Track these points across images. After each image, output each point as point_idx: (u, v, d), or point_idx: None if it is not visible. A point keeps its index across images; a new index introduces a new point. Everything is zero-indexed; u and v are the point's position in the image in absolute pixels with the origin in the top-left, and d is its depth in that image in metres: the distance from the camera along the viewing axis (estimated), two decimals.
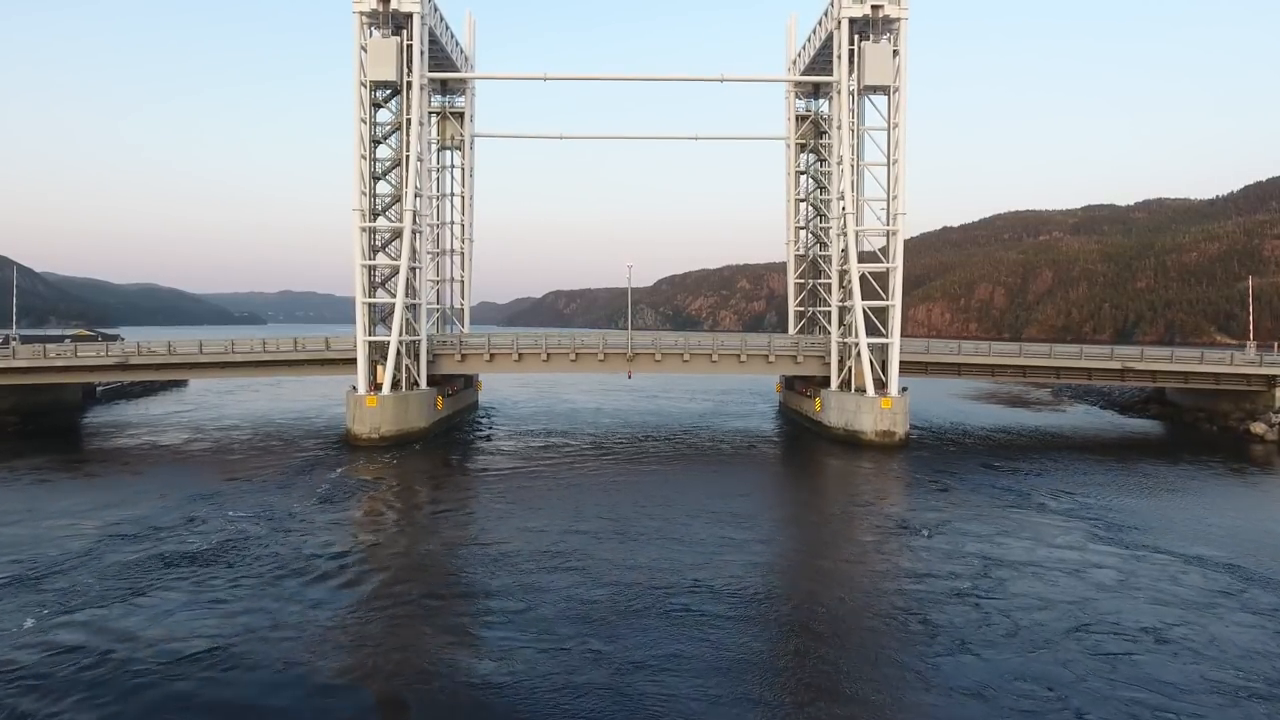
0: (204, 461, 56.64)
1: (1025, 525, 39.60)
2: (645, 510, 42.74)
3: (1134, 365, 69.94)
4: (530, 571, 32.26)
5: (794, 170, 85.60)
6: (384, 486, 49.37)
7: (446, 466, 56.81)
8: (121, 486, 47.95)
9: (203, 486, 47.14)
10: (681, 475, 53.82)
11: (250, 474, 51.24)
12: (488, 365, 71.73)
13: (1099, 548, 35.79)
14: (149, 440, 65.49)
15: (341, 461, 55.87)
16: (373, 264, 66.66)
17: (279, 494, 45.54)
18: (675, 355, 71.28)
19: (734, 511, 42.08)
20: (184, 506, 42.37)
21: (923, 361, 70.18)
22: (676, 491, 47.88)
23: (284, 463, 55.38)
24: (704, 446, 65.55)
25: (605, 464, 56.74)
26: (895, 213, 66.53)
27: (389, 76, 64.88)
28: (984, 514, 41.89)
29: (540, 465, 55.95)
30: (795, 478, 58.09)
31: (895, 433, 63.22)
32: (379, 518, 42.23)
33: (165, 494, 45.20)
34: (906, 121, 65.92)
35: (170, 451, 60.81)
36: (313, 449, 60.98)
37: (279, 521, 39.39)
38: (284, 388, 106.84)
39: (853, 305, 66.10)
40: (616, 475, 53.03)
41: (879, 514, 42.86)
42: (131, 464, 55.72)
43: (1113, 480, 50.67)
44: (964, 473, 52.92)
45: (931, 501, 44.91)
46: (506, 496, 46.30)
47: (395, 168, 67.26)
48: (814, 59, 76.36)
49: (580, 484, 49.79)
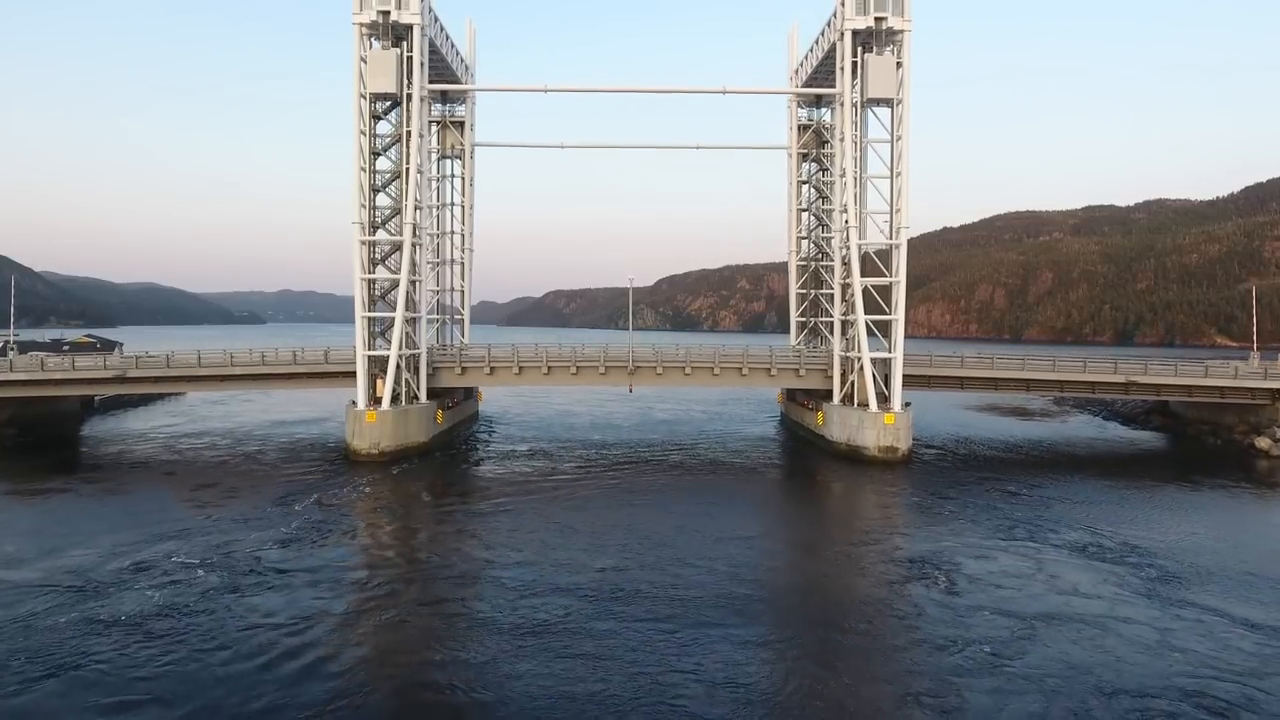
0: (199, 480, 55.48)
1: (1042, 565, 37.37)
2: (646, 533, 42.26)
3: (1138, 379, 69.49)
4: (533, 605, 31.88)
5: (795, 180, 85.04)
6: (381, 512, 48.24)
7: (446, 485, 55.98)
8: (100, 514, 46.27)
9: (190, 514, 45.47)
10: (681, 495, 53.12)
11: (244, 497, 49.64)
12: (488, 378, 71.31)
13: (1123, 594, 33.28)
14: (144, 455, 64.93)
15: (340, 481, 55.08)
16: (372, 277, 66.22)
17: (268, 523, 43.63)
18: (677, 368, 70.84)
19: (734, 551, 39.25)
20: (153, 545, 39.19)
21: (925, 375, 69.76)
22: (676, 513, 47.26)
23: (280, 483, 54.33)
24: (704, 462, 64.99)
25: (604, 483, 56.17)
26: (898, 226, 66.06)
27: (389, 88, 64.39)
28: (997, 550, 39.71)
29: (540, 483, 55.47)
30: (797, 501, 56.49)
31: (898, 449, 62.79)
32: (372, 565, 38.08)
33: (145, 524, 43.07)
34: (910, 134, 65.49)
35: (164, 468, 60.05)
36: (311, 466, 60.37)
37: (261, 569, 36.30)
38: (284, 394, 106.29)
39: (855, 319, 65.67)
40: (615, 495, 52.47)
41: (887, 555, 39.43)
42: (123, 483, 54.85)
43: (1124, 506, 49.25)
44: (971, 496, 51.61)
45: (940, 533, 42.63)
46: (508, 518, 45.79)
47: (395, 180, 66.80)
48: (816, 69, 75.90)
49: (580, 507, 49.06)
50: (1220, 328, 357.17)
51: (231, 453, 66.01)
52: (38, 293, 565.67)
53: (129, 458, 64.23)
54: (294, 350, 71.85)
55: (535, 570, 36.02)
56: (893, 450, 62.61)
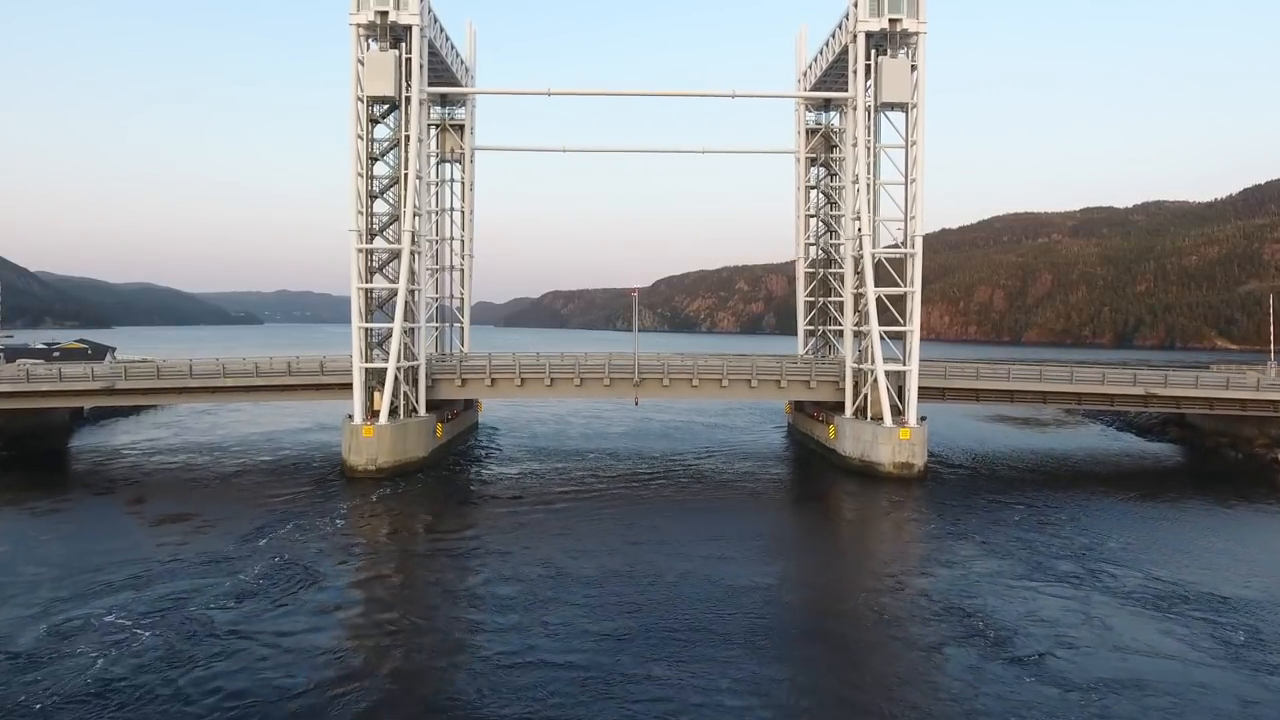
0: (179, 503, 51.60)
1: (1089, 611, 33.76)
2: (650, 555, 40.03)
3: (1158, 391, 67.59)
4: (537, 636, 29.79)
5: (804, 185, 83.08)
6: (367, 553, 42.47)
7: (444, 510, 52.75)
8: (56, 552, 40.74)
9: (157, 550, 40.99)
10: (688, 512, 50.92)
11: (224, 526, 45.33)
12: (489, 390, 69.13)
13: (1189, 652, 29.83)
14: (126, 473, 61.74)
15: (331, 504, 51.97)
16: (370, 286, 64.02)
17: (240, 562, 39.04)
18: (684, 380, 68.75)
19: (744, 593, 35.85)
20: (98, 597, 34.03)
21: (940, 387, 67.73)
22: (682, 533, 45.03)
23: (267, 507, 50.44)
24: (711, 476, 62.81)
25: (607, 498, 53.95)
26: (913, 233, 64.07)
27: (387, 91, 62.24)
28: (1035, 591, 36.26)
29: (542, 500, 53.15)
30: (811, 528, 52.20)
31: (914, 465, 60.77)
32: (350, 627, 32.44)
33: (102, 564, 38.23)
34: (925, 139, 63.52)
35: (144, 488, 56.47)
36: (304, 485, 57.46)
37: (215, 631, 31.03)
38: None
39: (869, 329, 63.67)
40: (618, 512, 50.23)
41: (915, 601, 35.38)
42: (95, 508, 51.22)
43: (1160, 532, 46.62)
44: (995, 520, 48.83)
45: (970, 569, 39.32)
46: (509, 538, 43.55)
47: (393, 186, 64.60)
48: (826, 72, 73.87)
49: (583, 525, 46.91)
50: (1221, 330, 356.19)
51: (221, 469, 63.45)
52: (33, 293, 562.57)
53: (110, 476, 60.79)
54: (289, 361, 69.59)
55: (526, 636, 30.74)
56: (908, 466, 60.57)
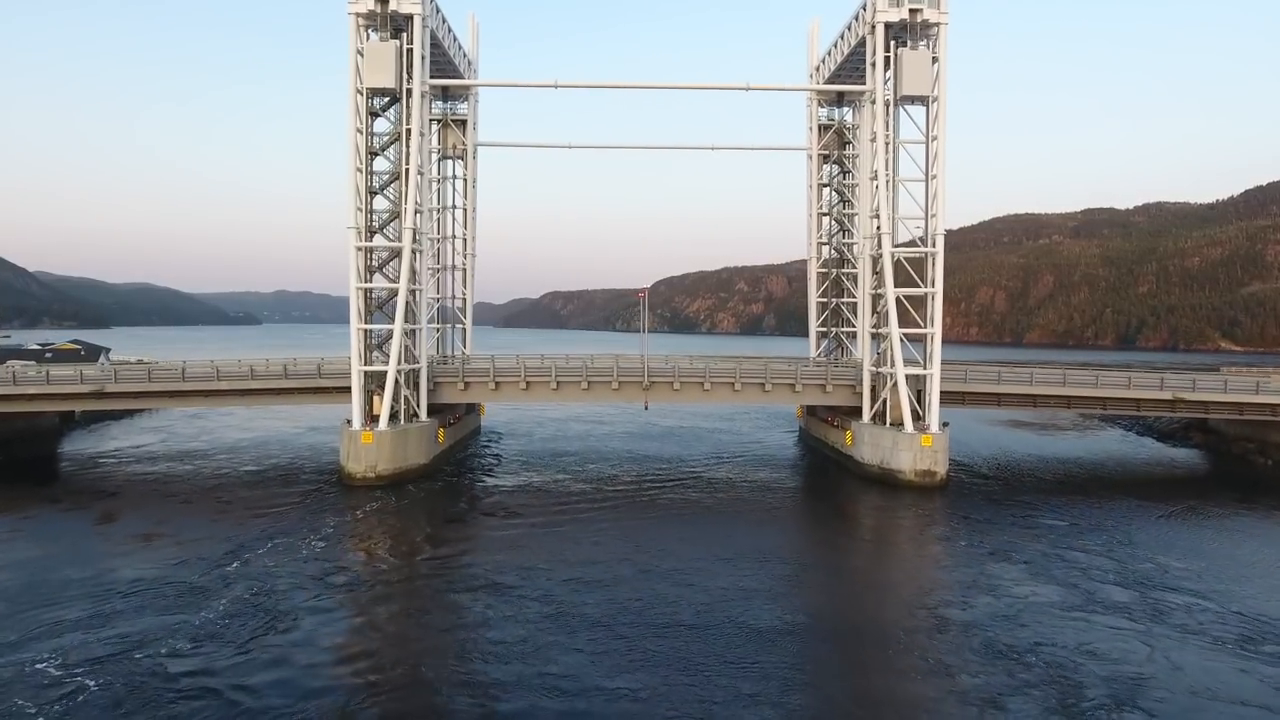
0: (161, 519, 48.52)
1: (1153, 644, 30.69)
2: (662, 587, 36.72)
3: (1185, 396, 65.25)
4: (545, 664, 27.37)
5: (816, 183, 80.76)
6: (359, 581, 38.21)
7: (445, 519, 50.35)
8: (15, 580, 36.91)
9: (129, 575, 37.56)
10: (701, 530, 47.44)
11: (208, 545, 42.15)
12: (493, 394, 66.61)
13: (1254, 687, 27.55)
14: (112, 482, 58.87)
15: (325, 514, 49.32)
16: (369, 286, 61.54)
17: (213, 593, 35.30)
18: (695, 383, 66.27)
19: (766, 611, 33.82)
20: (42, 640, 30.15)
21: (960, 392, 65.38)
22: (696, 556, 41.47)
23: (258, 521, 47.53)
24: (722, 487, 59.92)
25: (614, 514, 50.89)
26: (934, 232, 61.70)
27: (387, 83, 59.79)
28: (1084, 619, 33.19)
29: (545, 516, 49.85)
30: (832, 540, 48.58)
31: (936, 473, 58.37)
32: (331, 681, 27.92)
33: (59, 598, 34.42)
34: (946, 134, 61.14)
35: (128, 499, 53.40)
36: (300, 494, 54.89)
37: (171, 683, 27.22)
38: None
39: (888, 331, 61.30)
40: (627, 531, 46.90)
41: (955, 633, 32.04)
42: (67, 525, 47.25)
43: (1202, 546, 44.26)
44: (1025, 535, 46.15)
45: (1009, 594, 36.32)
46: (510, 564, 40.10)
47: (394, 181, 62.13)
48: (841, 66, 71.49)
49: (589, 547, 43.29)
50: (1224, 332, 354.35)
51: (210, 478, 60.54)
52: (31, 293, 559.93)
53: (89, 485, 57.69)
54: (285, 364, 67.14)
55: (527, 694, 26.80)
56: (930, 474, 58.18)
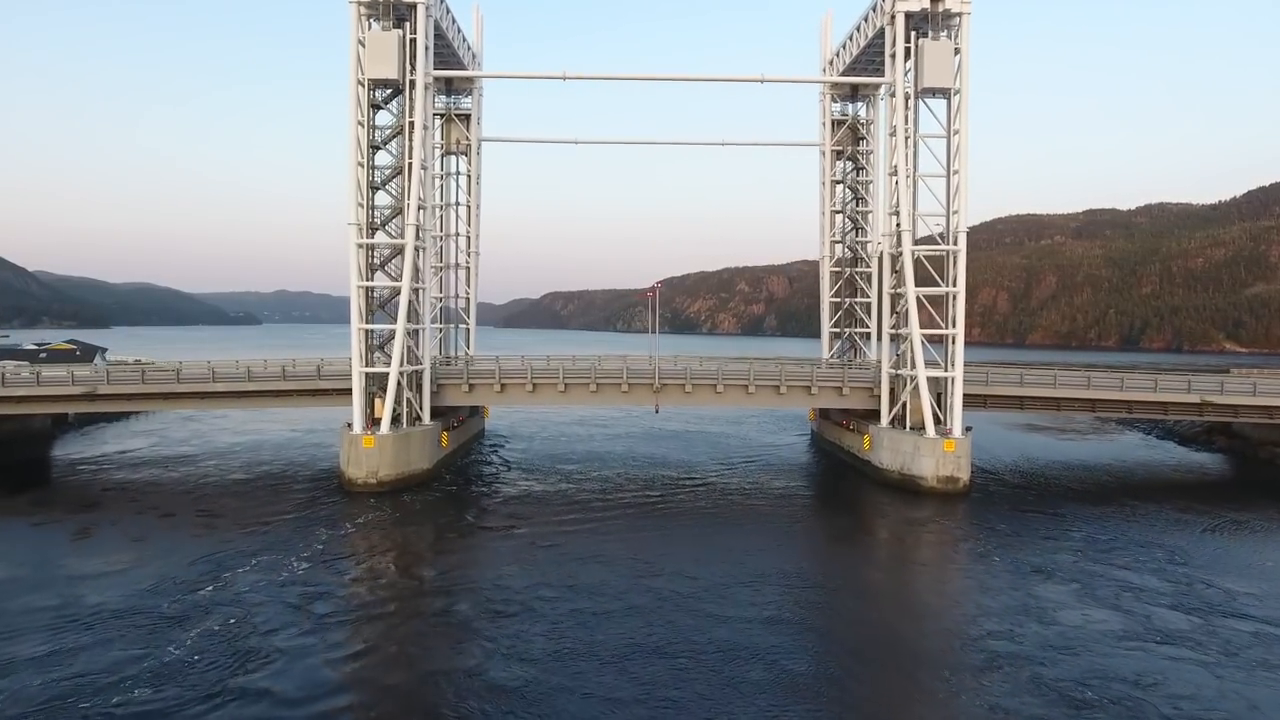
0: (150, 524, 46.60)
1: (1222, 683, 27.83)
2: (680, 617, 33.14)
3: (1214, 400, 63.17)
4: None
5: (829, 179, 78.64)
6: (355, 586, 37.13)
7: (449, 527, 47.96)
8: None
9: (98, 598, 34.34)
10: (718, 547, 43.73)
11: (194, 562, 39.51)
12: (498, 397, 64.41)
13: None
14: (107, 485, 56.90)
15: (326, 523, 47.07)
16: (371, 285, 59.39)
17: (189, 619, 32.06)
18: (707, 386, 64.11)
19: (797, 649, 30.38)
20: None
21: (982, 395, 63.22)
22: (715, 578, 37.93)
23: (250, 533, 45.05)
24: (737, 497, 57.22)
25: (625, 527, 47.94)
26: (956, 229, 59.55)
27: (390, 74, 57.65)
28: (1138, 646, 30.53)
29: (551, 528, 46.86)
30: (859, 556, 45.22)
31: (959, 478, 56.24)
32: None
33: (16, 627, 31.16)
34: (969, 127, 59.03)
35: (115, 507, 50.79)
36: (297, 502, 52.50)
37: None
38: None
39: (909, 332, 59.17)
40: (639, 547, 43.31)
41: (1004, 658, 29.54)
42: (43, 539, 44.26)
43: (1248, 560, 41.72)
44: (1060, 547, 43.38)
45: (1052, 614, 33.75)
46: (514, 588, 36.95)
47: (396, 176, 60.03)
48: (857, 59, 69.38)
49: (599, 568, 39.49)
50: (1228, 333, 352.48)
51: (203, 486, 57.99)
52: (31, 293, 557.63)
53: (76, 494, 54.92)
54: (283, 365, 64.99)
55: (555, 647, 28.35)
56: (953, 481, 56.05)
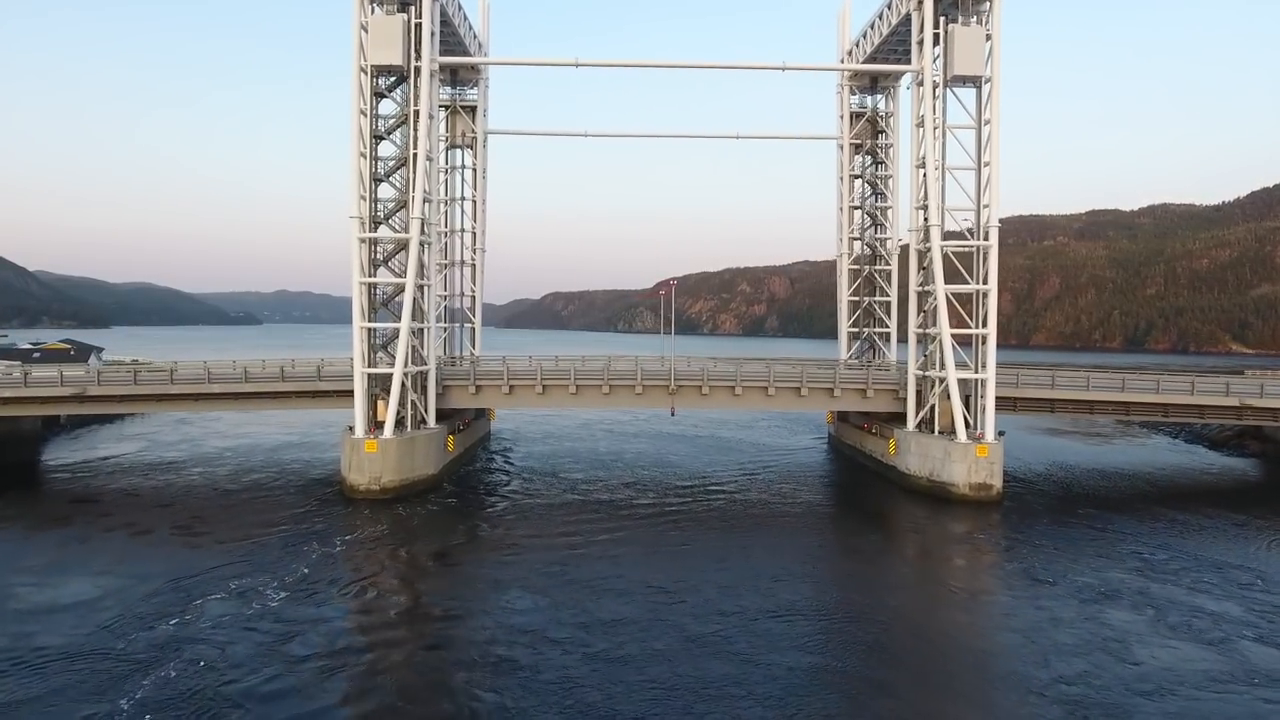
0: (128, 541, 43.30)
1: None
2: (710, 664, 29.16)
3: (1253, 403, 60.53)
4: None
5: (847, 174, 75.94)
6: (344, 618, 32.99)
7: (454, 543, 44.12)
8: None
9: (65, 624, 31.17)
10: (738, 562, 40.54)
11: (195, 561, 38.36)
12: (507, 399, 61.60)
13: None
14: (85, 495, 53.61)
15: (319, 538, 43.48)
16: (373, 281, 56.64)
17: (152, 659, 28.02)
18: (725, 388, 61.36)
19: (829, 659, 28.92)
20: None
21: (1012, 397, 60.47)
22: (744, 608, 34.17)
23: (242, 546, 41.87)
24: (756, 506, 54.00)
25: (640, 537, 45.24)
26: (987, 224, 56.84)
27: (394, 60, 54.91)
28: (1242, 689, 27.16)
29: (565, 540, 43.95)
30: (896, 574, 41.54)
31: (992, 485, 53.54)
32: None
33: None
34: (1000, 117, 56.33)
35: (92, 518, 47.37)
36: (295, 510, 49.53)
37: None
38: None
39: (938, 332, 56.46)
40: (657, 570, 39.36)
41: (1068, 691, 26.62)
42: (31, 549, 41.65)
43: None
44: (1113, 566, 40.07)
45: (1124, 647, 30.34)
46: (530, 606, 34.47)
47: (400, 168, 57.30)
48: (878, 47, 66.75)
49: (615, 598, 35.32)
50: (1235, 334, 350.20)
51: (195, 492, 55.22)
52: (31, 292, 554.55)
53: (51, 507, 51.21)
54: (282, 365, 62.19)
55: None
56: (986, 488, 53.33)
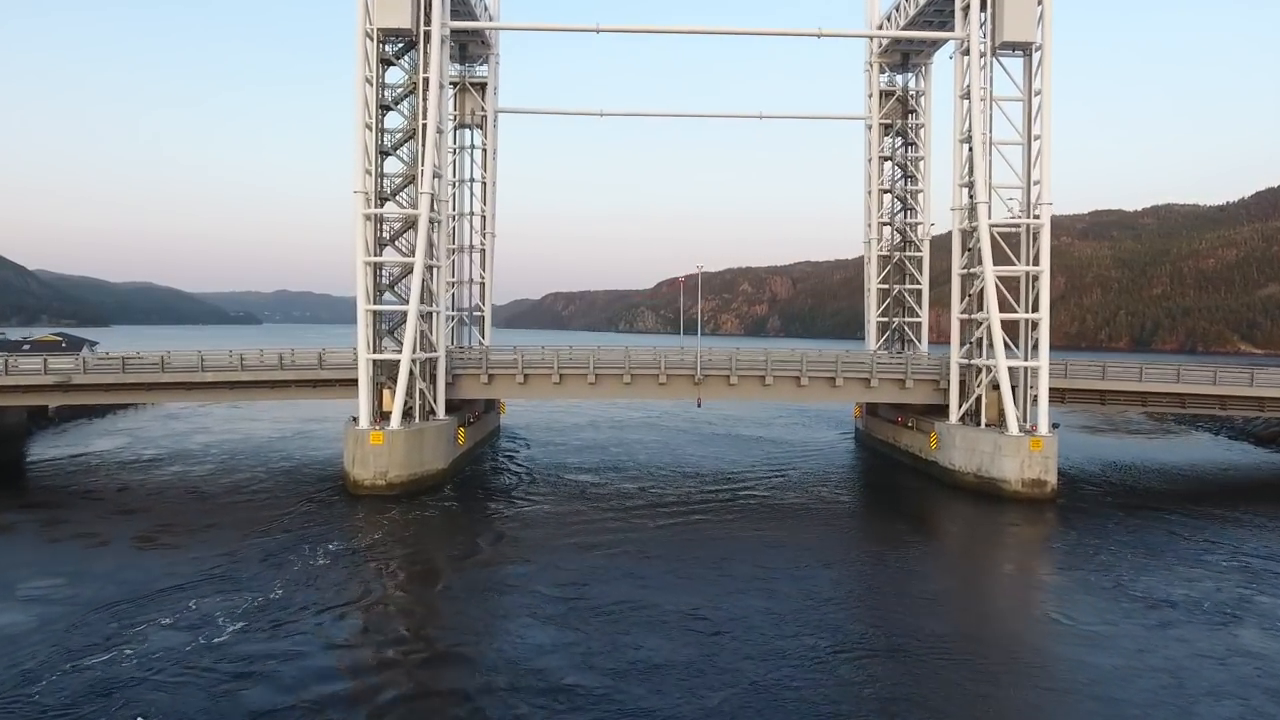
0: (146, 532, 40.52)
1: None
2: (743, 675, 25.07)
3: None
4: None
5: (876, 155, 72.02)
6: (354, 624, 29.36)
7: (463, 548, 39.73)
8: None
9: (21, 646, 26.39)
10: (777, 576, 35.03)
11: (171, 567, 34.30)
12: (522, 389, 57.67)
13: None
14: (88, 491, 49.91)
15: (319, 540, 39.21)
16: (379, 260, 52.73)
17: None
18: (754, 378, 57.50)
19: (899, 692, 24.36)
20: None
21: (1061, 389, 56.64)
22: (780, 622, 29.48)
23: (234, 550, 37.43)
24: (789, 511, 49.19)
25: (664, 539, 40.86)
26: (1037, 202, 53.07)
27: (402, 23, 51.03)
28: None
29: (582, 546, 39.26)
30: (947, 579, 36.83)
31: (1047, 482, 49.67)
32: None
33: None
34: (1050, 86, 52.49)
35: (71, 520, 42.87)
36: (294, 508, 45.58)
37: None
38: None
39: (986, 319, 52.64)
40: (685, 575, 35.05)
41: None
42: (38, 542, 38.97)
43: None
44: (1192, 574, 35.64)
45: (1220, 673, 25.68)
46: (556, 625, 29.61)
47: (408, 140, 53.38)
48: (913, 19, 62.80)
49: (641, 597, 31.77)
50: (1243, 335, 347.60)
51: (197, 485, 51.67)
52: (31, 291, 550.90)
53: (26, 511, 45.78)
54: (281, 353, 58.25)
55: None
56: (1040, 485, 49.48)
